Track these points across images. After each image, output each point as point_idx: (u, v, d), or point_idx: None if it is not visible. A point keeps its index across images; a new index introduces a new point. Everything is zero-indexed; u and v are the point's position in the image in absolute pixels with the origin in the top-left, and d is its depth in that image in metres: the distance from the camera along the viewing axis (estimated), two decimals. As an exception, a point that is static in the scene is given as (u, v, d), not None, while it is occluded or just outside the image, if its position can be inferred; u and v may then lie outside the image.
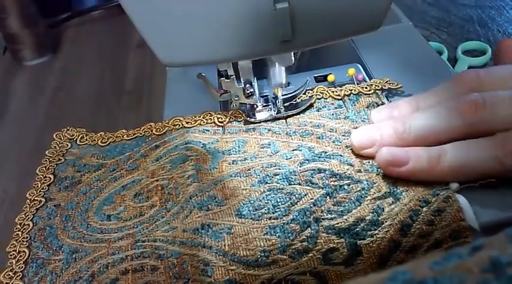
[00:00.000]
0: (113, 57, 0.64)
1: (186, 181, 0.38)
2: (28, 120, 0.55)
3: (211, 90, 0.42)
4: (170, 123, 0.44)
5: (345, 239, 0.32)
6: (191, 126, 0.44)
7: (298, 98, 0.43)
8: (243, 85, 0.41)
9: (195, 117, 0.44)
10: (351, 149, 0.38)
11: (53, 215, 0.39)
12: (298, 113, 0.42)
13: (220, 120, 0.43)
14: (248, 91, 0.41)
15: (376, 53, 0.49)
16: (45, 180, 0.42)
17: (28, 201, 0.41)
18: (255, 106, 0.43)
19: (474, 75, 0.37)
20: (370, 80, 0.44)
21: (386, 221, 0.32)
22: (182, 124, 0.44)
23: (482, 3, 0.68)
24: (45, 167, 0.44)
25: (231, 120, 0.43)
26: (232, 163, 0.39)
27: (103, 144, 0.45)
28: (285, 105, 0.43)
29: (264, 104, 0.43)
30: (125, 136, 0.45)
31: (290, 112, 0.42)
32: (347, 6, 0.34)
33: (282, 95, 0.43)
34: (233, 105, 0.43)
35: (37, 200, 0.41)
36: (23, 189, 0.42)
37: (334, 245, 0.32)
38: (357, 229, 0.32)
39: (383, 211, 0.33)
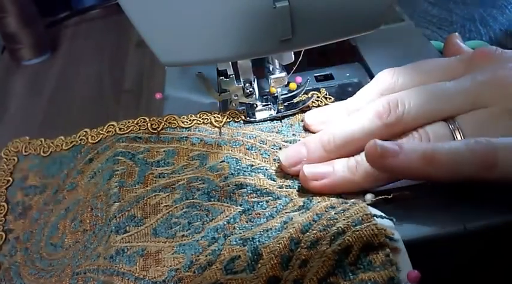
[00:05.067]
0: (111, 57, 0.64)
1: (109, 201, 0.37)
2: (27, 119, 0.55)
3: (210, 89, 0.42)
4: (104, 130, 0.43)
5: (247, 247, 0.31)
6: (124, 132, 0.42)
7: (298, 97, 0.43)
8: (242, 85, 0.41)
9: (128, 122, 0.43)
10: (278, 163, 0.37)
11: (15, 251, 0.38)
12: (297, 113, 0.42)
13: (154, 126, 0.42)
14: (247, 91, 0.41)
15: (378, 52, 0.49)
16: (1, 210, 0.41)
17: None
18: (255, 105, 0.42)
19: (390, 73, 0.38)
20: (309, 93, 0.43)
21: (290, 226, 0.31)
22: (115, 131, 0.42)
23: (484, 2, 0.67)
24: None
25: (165, 126, 0.42)
26: (159, 177, 0.38)
27: (44, 154, 0.44)
28: (285, 104, 0.42)
29: (264, 104, 0.42)
30: (63, 145, 0.44)
31: (289, 112, 0.42)
32: (347, 5, 0.33)
33: (282, 94, 0.42)
34: (232, 105, 0.43)
35: None
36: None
37: (236, 254, 0.31)
38: (263, 237, 0.31)
39: (291, 219, 0.32)
